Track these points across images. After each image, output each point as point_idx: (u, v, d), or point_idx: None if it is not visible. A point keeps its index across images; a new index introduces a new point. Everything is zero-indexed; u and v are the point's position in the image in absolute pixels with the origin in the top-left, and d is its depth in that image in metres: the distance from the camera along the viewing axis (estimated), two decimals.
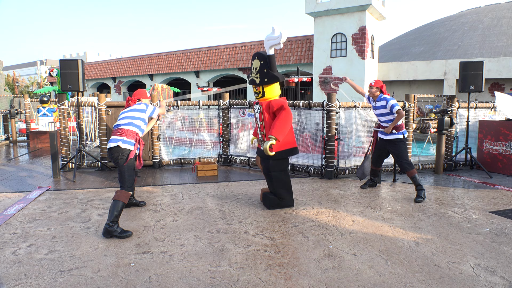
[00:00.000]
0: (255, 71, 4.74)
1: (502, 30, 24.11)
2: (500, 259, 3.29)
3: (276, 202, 4.81)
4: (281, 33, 4.40)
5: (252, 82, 4.77)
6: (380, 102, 5.39)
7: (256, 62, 4.74)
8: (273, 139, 4.40)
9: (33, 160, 8.80)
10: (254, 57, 4.80)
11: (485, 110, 7.99)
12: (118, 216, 3.86)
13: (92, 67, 35.01)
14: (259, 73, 4.68)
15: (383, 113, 5.40)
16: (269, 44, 4.59)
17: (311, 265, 3.17)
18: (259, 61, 4.69)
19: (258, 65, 4.70)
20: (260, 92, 4.70)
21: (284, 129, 4.47)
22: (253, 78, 4.76)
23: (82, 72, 6.79)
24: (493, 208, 4.79)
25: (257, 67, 4.71)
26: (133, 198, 4.88)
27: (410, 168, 5.27)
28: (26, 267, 3.14)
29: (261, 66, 4.66)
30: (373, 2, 18.89)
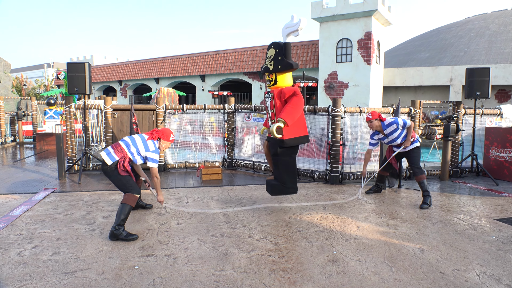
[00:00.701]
0: (269, 59, 4.74)
1: (509, 37, 24.00)
2: (506, 267, 3.26)
3: (279, 188, 4.74)
4: (300, 20, 4.50)
5: (266, 69, 4.76)
6: (390, 128, 5.33)
7: (271, 51, 4.74)
8: (281, 122, 4.33)
9: (39, 162, 8.86)
10: (270, 46, 4.79)
11: (491, 117, 7.94)
12: (125, 219, 3.87)
13: (98, 70, 35.27)
14: (273, 61, 4.67)
15: (398, 136, 5.32)
16: (287, 32, 4.65)
17: (315, 270, 3.16)
18: (275, 50, 4.69)
19: (273, 53, 4.69)
20: (272, 79, 4.69)
21: (294, 113, 4.40)
22: (266, 65, 4.76)
23: (89, 75, 6.85)
24: (499, 216, 4.75)
25: (272, 55, 4.70)
26: (140, 201, 4.89)
27: (420, 173, 5.26)
28: (31, 268, 3.15)
29: (276, 54, 4.65)
30: (379, 7, 18.90)
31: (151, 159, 4.14)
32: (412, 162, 5.37)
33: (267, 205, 5.18)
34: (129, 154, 4.09)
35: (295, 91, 4.52)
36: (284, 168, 4.70)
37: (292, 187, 4.78)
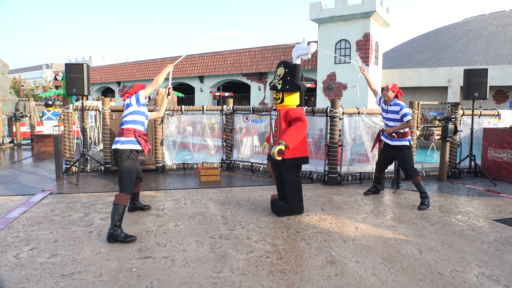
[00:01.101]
0: (278, 77, 4.84)
1: (506, 38, 24.07)
2: (504, 268, 3.26)
3: (286, 209, 4.75)
4: (311, 45, 4.62)
5: (274, 87, 4.86)
6: (394, 107, 5.33)
7: (280, 70, 4.84)
8: (283, 145, 4.43)
9: (36, 163, 8.84)
10: (280, 65, 4.90)
11: (489, 118, 7.96)
12: (120, 219, 3.85)
13: (97, 71, 35.24)
14: (282, 80, 4.77)
15: (393, 118, 5.34)
16: (297, 54, 4.78)
17: (314, 272, 3.15)
18: (284, 69, 4.79)
19: (283, 72, 4.79)
20: (279, 98, 4.78)
21: (296, 138, 4.51)
22: (275, 83, 4.86)
23: (87, 76, 6.83)
24: (497, 216, 4.75)
25: (281, 74, 4.80)
26: (138, 202, 4.88)
27: (415, 175, 5.24)
28: (28, 270, 3.14)
29: (285, 74, 4.75)
30: (378, 9, 18.94)
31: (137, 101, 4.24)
32: (405, 163, 5.31)
33: (265, 206, 5.17)
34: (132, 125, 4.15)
35: (300, 116, 4.60)
36: (290, 188, 4.75)
37: (299, 207, 4.84)
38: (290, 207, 4.76)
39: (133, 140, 4.10)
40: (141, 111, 4.26)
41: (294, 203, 4.78)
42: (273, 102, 4.93)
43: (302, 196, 4.88)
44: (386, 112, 5.45)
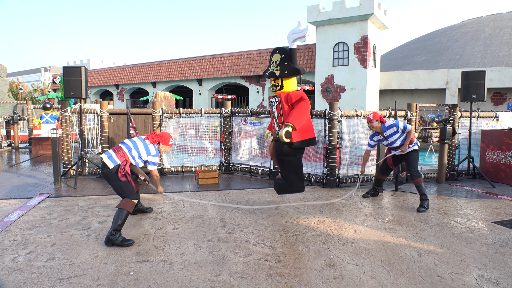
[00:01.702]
0: (275, 64, 4.81)
1: (504, 40, 24.17)
2: (503, 270, 3.25)
3: (286, 187, 4.80)
4: (307, 26, 4.62)
5: (272, 74, 4.82)
6: (390, 130, 5.33)
7: (276, 56, 4.82)
8: (290, 126, 4.43)
9: (34, 166, 8.81)
10: (275, 52, 4.87)
11: (487, 120, 7.97)
12: (122, 225, 3.84)
13: (95, 74, 35.22)
14: (279, 66, 4.75)
15: (396, 138, 5.34)
16: (293, 37, 4.75)
17: (312, 275, 3.14)
18: (280, 55, 4.78)
19: (279, 58, 4.78)
20: (278, 84, 4.78)
21: (302, 118, 4.50)
22: (272, 71, 4.82)
23: (85, 79, 6.82)
24: (496, 218, 4.75)
25: (277, 60, 4.78)
26: (140, 204, 4.88)
27: (417, 176, 5.25)
28: (25, 274, 3.12)
29: (282, 59, 4.74)
30: (375, 11, 19.00)
31: (152, 162, 4.21)
32: (410, 165, 5.36)
33: (264, 209, 5.16)
34: (130, 158, 4.12)
35: (302, 96, 4.61)
36: (291, 168, 4.76)
37: (299, 186, 4.85)
38: (290, 185, 4.78)
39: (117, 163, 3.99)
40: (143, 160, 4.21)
41: (295, 182, 4.79)
42: (271, 90, 4.93)
43: (303, 175, 4.90)
44: (387, 139, 5.42)
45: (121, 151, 4.09)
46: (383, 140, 5.49)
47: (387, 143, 5.48)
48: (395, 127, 5.28)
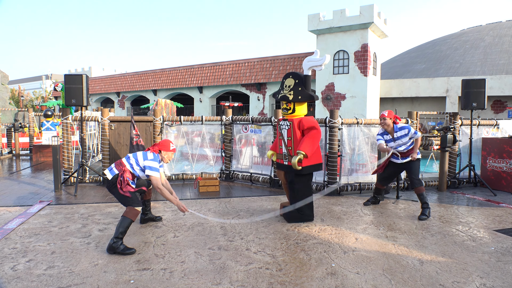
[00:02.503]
0: (288, 88, 4.97)
1: (503, 48, 24.28)
2: (506, 278, 3.23)
3: (296, 216, 4.88)
4: (325, 56, 4.80)
5: (284, 98, 4.96)
6: (401, 132, 5.33)
7: (289, 80, 4.99)
8: (302, 154, 4.57)
9: (35, 174, 8.80)
10: (288, 76, 5.04)
11: (488, 128, 7.98)
12: (124, 233, 3.82)
13: (96, 81, 35.37)
14: (292, 90, 4.90)
15: (404, 143, 5.33)
16: (309, 65, 4.97)
17: (314, 283, 3.12)
18: (294, 80, 4.95)
19: (292, 83, 4.95)
20: (290, 108, 4.94)
21: (313, 146, 4.70)
22: (285, 94, 4.96)
23: (86, 87, 6.85)
24: (498, 227, 4.72)
25: (290, 85, 4.95)
26: (149, 213, 4.88)
27: (419, 185, 5.24)
28: (25, 283, 3.10)
29: (296, 84, 4.91)
30: (375, 20, 19.12)
31: (149, 167, 4.09)
32: (412, 173, 5.33)
33: (264, 217, 5.14)
34: (128, 166, 4.11)
35: (314, 124, 4.78)
36: (301, 196, 4.86)
37: (309, 215, 4.95)
38: (300, 214, 4.87)
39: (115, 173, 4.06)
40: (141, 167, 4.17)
41: (305, 211, 4.89)
42: (282, 113, 5.08)
43: (312, 204, 5.00)
44: (395, 140, 5.39)
45: (119, 162, 4.16)
46: (390, 141, 5.45)
47: (394, 145, 5.42)
48: (407, 129, 5.28)
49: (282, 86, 5.09)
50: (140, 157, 4.18)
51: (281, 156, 5.08)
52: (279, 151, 5.11)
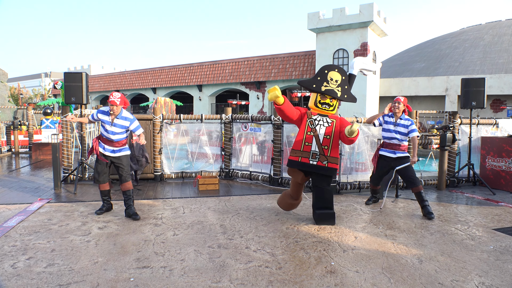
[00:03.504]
0: (335, 83, 4.67)
1: (503, 47, 24.29)
2: (504, 277, 3.24)
3: (330, 216, 4.70)
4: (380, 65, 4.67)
5: (332, 93, 4.66)
6: (405, 121, 5.27)
7: (336, 75, 4.68)
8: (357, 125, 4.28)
9: (34, 172, 8.80)
10: (333, 69, 4.73)
11: (487, 127, 7.99)
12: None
13: (96, 80, 35.33)
14: (340, 87, 4.66)
15: (402, 132, 5.27)
16: (362, 67, 4.80)
17: (313, 282, 3.13)
18: (340, 75, 4.69)
19: (340, 78, 4.67)
20: (333, 105, 4.69)
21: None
22: (333, 89, 4.66)
23: (86, 85, 6.85)
24: (497, 226, 4.74)
25: (338, 80, 4.66)
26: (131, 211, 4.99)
27: (418, 183, 5.20)
28: (25, 280, 3.10)
29: (343, 82, 4.68)
30: (375, 19, 19.11)
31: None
32: (408, 172, 5.28)
33: (264, 215, 5.15)
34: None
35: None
36: (330, 197, 4.75)
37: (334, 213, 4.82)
38: (332, 213, 4.71)
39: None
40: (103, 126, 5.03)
41: (333, 209, 4.78)
42: (320, 108, 4.70)
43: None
44: (395, 125, 5.32)
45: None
46: (391, 123, 5.35)
47: (393, 129, 5.32)
48: (410, 122, 5.25)
49: (324, 79, 4.68)
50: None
51: (306, 154, 4.64)
52: (304, 148, 4.65)
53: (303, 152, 4.65)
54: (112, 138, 4.87)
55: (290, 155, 4.73)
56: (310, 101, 4.79)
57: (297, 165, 4.70)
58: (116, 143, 4.92)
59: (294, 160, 4.69)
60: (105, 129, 4.87)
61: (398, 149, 5.35)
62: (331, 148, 4.62)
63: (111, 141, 4.90)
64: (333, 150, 4.65)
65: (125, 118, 4.90)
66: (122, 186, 4.99)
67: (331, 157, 4.63)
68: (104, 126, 4.86)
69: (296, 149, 4.70)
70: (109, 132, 4.85)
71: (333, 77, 4.65)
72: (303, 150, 4.65)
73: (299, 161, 4.67)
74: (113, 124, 4.84)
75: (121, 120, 4.86)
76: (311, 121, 4.69)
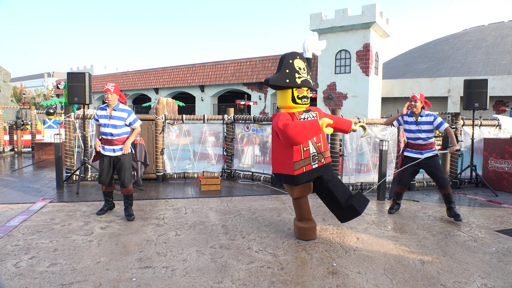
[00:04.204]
0: (304, 71, 4.00)
1: (505, 48, 24.23)
2: (507, 279, 3.23)
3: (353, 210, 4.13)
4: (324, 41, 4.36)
5: (308, 83, 4.02)
6: (427, 118, 4.96)
7: (300, 62, 4.03)
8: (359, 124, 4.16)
9: (37, 171, 8.83)
10: (295, 56, 4.04)
11: (489, 128, 7.97)
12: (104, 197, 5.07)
13: (98, 80, 35.42)
14: (309, 75, 4.02)
15: (426, 130, 4.98)
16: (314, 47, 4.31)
17: (315, 283, 3.13)
18: (304, 62, 4.06)
19: (304, 65, 4.03)
20: (308, 97, 4.04)
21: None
22: (307, 78, 4.00)
23: (89, 85, 6.87)
24: (499, 227, 4.73)
25: (304, 67, 4.01)
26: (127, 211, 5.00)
27: (448, 184, 4.97)
28: (27, 279, 3.12)
29: (307, 68, 4.08)
30: (377, 20, 19.10)
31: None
32: (438, 171, 4.97)
33: (266, 216, 5.15)
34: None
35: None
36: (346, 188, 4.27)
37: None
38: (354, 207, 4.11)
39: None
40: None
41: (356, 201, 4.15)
42: (302, 103, 4.00)
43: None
44: (417, 124, 5.01)
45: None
46: (412, 123, 5.04)
47: (415, 128, 5.02)
48: (433, 117, 4.93)
49: (293, 70, 3.98)
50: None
51: (308, 161, 3.97)
52: (304, 154, 3.96)
53: (305, 159, 3.96)
54: (112, 133, 4.75)
55: (294, 169, 3.90)
56: (283, 100, 4.03)
57: (307, 177, 4.00)
58: (116, 140, 4.80)
59: (300, 173, 3.94)
60: (104, 125, 4.78)
61: (425, 148, 5.06)
62: (322, 142, 4.11)
63: (111, 139, 4.79)
64: (325, 144, 4.16)
65: (123, 109, 4.81)
66: (123, 190, 4.94)
67: (326, 152, 4.16)
68: (103, 123, 4.77)
69: (297, 160, 3.93)
70: (109, 126, 4.74)
71: (300, 66, 4.00)
72: (304, 158, 3.96)
73: (305, 172, 3.96)
74: (111, 117, 4.73)
75: (118, 112, 4.77)
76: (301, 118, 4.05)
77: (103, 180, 4.89)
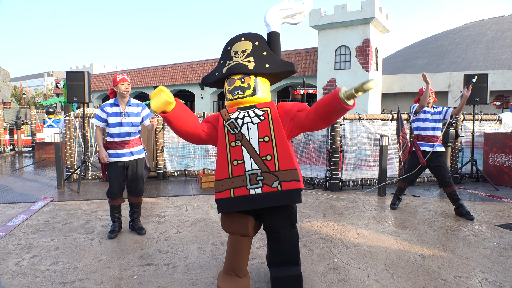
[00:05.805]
0: (242, 54, 2.84)
1: (506, 43, 24.17)
2: (508, 273, 3.24)
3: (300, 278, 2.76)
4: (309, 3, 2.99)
5: (237, 68, 2.77)
6: (437, 109, 5.04)
7: (243, 44, 2.89)
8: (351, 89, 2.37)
9: (38, 170, 8.84)
10: (238, 39, 2.93)
11: (490, 123, 7.96)
12: (111, 216, 4.21)
13: (98, 78, 35.40)
14: (253, 56, 2.81)
15: (439, 119, 5.01)
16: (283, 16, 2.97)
17: (316, 278, 3.13)
18: (251, 43, 2.88)
19: (250, 46, 2.87)
20: (250, 86, 2.75)
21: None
22: (239, 62, 2.80)
23: (88, 84, 6.86)
24: (500, 222, 4.73)
25: (247, 48, 2.86)
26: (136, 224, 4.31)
27: (451, 184, 4.94)
28: (29, 278, 3.12)
29: (257, 48, 2.87)
30: (377, 15, 19.04)
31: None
32: (445, 169, 4.94)
33: None
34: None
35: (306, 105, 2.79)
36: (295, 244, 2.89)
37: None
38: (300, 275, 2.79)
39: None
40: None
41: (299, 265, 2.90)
42: (231, 96, 2.79)
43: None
44: (432, 115, 5.04)
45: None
46: (429, 112, 5.02)
47: (432, 118, 5.00)
48: (441, 108, 5.03)
49: (227, 58, 2.91)
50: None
51: (240, 181, 2.63)
52: (234, 172, 2.65)
53: (233, 179, 2.65)
54: (129, 132, 4.01)
55: (215, 191, 2.69)
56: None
57: (233, 206, 2.66)
58: (132, 141, 4.07)
59: (223, 198, 2.66)
60: (115, 125, 4.00)
61: (436, 141, 5.01)
62: (278, 156, 2.63)
63: (128, 139, 4.04)
64: (282, 157, 2.63)
65: (137, 104, 4.13)
66: (134, 198, 4.25)
67: (283, 172, 2.61)
68: (114, 122, 3.99)
69: (220, 179, 2.68)
70: (124, 125, 3.99)
71: (238, 49, 2.87)
72: (232, 176, 2.65)
73: (232, 198, 2.64)
74: (125, 113, 4.01)
75: (133, 107, 4.08)
76: (231, 124, 2.71)
77: (115, 193, 4.06)
